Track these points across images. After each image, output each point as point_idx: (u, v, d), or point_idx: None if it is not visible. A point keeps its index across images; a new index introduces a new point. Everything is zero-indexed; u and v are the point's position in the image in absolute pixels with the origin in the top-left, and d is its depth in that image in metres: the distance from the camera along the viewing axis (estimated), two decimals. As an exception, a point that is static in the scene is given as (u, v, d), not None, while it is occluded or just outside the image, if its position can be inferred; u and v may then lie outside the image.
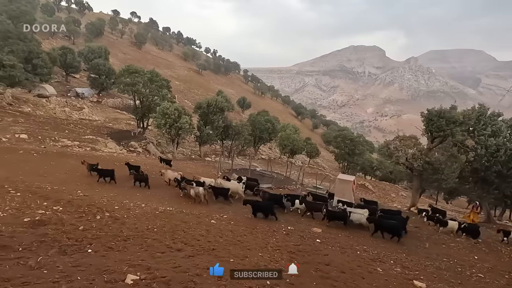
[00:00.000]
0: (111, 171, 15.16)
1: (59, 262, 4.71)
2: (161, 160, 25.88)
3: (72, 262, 4.83)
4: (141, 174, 16.15)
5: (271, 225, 10.45)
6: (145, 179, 15.28)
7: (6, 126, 29.39)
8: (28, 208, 8.89)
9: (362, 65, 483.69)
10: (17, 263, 4.37)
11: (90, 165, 15.75)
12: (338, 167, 65.66)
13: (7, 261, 4.48)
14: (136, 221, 8.76)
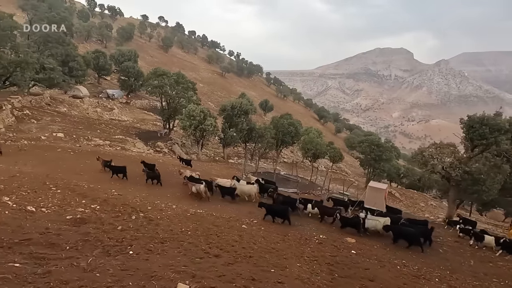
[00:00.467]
0: (123, 168, 15.60)
1: (107, 264, 4.75)
2: (181, 160, 26.40)
3: (120, 265, 4.86)
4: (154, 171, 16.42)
5: (302, 233, 10.15)
6: (157, 176, 15.66)
7: (45, 125, 31.21)
8: (69, 206, 9.23)
9: (388, 68, 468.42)
10: (70, 264, 4.45)
11: (105, 161, 16.41)
12: (363, 173, 63.63)
13: (60, 261, 4.58)
14: (170, 222, 8.82)
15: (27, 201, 8.76)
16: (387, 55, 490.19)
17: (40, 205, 8.54)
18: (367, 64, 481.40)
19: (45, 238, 5.51)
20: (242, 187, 15.60)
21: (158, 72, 38.03)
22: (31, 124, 30.50)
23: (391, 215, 13.88)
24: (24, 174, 12.93)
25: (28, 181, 11.72)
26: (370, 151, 43.34)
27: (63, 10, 67.56)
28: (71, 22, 43.99)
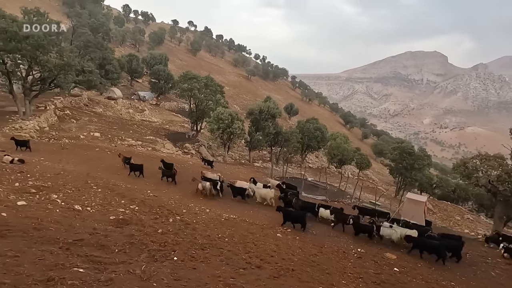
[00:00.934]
0: (140, 166, 16.25)
1: (160, 273, 4.75)
2: (203, 160, 26.69)
3: (171, 273, 4.85)
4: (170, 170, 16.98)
5: (339, 245, 9.73)
6: (172, 175, 16.32)
7: (83, 125, 33.03)
8: (110, 205, 9.54)
9: (419, 72, 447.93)
10: (127, 271, 4.50)
11: (125, 158, 17.14)
12: (393, 182, 61.05)
13: (115, 266, 4.65)
14: (206, 227, 8.81)
15: (73, 200, 9.15)
16: (418, 58, 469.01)
17: (84, 204, 8.89)
18: (396, 68, 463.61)
19: (95, 239, 5.66)
20: (259, 191, 15.54)
21: (189, 76, 39.00)
22: (71, 123, 32.39)
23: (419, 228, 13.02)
24: (67, 172, 13.60)
25: (71, 179, 12.30)
26: (402, 159, 41.41)
27: (101, 16, 71.95)
28: (109, 27, 46.37)
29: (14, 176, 11.14)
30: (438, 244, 10.87)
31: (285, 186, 19.65)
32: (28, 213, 6.36)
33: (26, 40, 22.45)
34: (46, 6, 75.81)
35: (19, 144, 17.04)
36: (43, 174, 12.43)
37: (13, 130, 22.55)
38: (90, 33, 39.43)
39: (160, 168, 17.06)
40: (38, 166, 13.85)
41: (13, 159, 13.65)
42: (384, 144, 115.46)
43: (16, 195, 8.36)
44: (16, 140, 17.03)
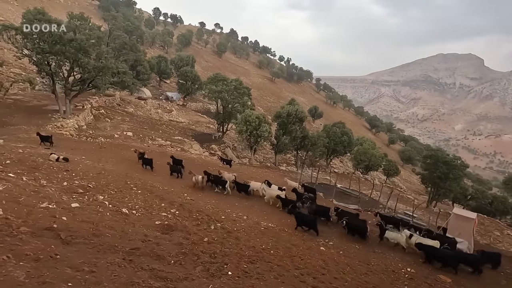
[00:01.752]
0: (150, 160, 17.31)
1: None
2: (222, 160, 26.68)
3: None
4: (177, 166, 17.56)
5: (386, 263, 9.12)
6: (179, 170, 17.02)
7: (117, 124, 34.30)
8: (152, 208, 9.61)
9: (452, 75, 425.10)
10: None
11: (140, 153, 18.01)
12: (425, 191, 58.15)
13: (181, 284, 4.52)
14: (248, 237, 8.59)
15: (118, 202, 9.31)
16: (451, 61, 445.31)
17: (129, 207, 9.00)
18: (427, 70, 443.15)
19: (149, 247, 5.61)
20: (269, 191, 15.48)
21: (219, 78, 39.40)
22: (106, 122, 33.74)
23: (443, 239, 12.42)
24: (107, 171, 13.98)
25: (112, 179, 12.59)
26: (435, 168, 39.21)
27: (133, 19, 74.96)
28: (142, 30, 48.03)
29: (61, 175, 11.54)
30: (449, 253, 10.72)
31: (304, 189, 19.55)
32: (83, 217, 6.46)
33: (70, 43, 23.59)
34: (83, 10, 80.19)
35: (43, 139, 17.80)
36: (86, 173, 12.82)
37: (56, 128, 23.77)
38: (126, 36, 40.99)
39: (168, 163, 17.57)
40: (80, 165, 14.33)
41: (59, 157, 14.24)
42: (413, 151, 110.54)
43: (67, 196, 8.61)
44: (40, 136, 17.85)
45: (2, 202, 5.54)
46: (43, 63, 23.66)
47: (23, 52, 22.68)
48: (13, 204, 5.67)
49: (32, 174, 10.46)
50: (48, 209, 6.15)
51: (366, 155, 53.97)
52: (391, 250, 10.60)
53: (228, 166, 24.99)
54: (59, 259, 3.90)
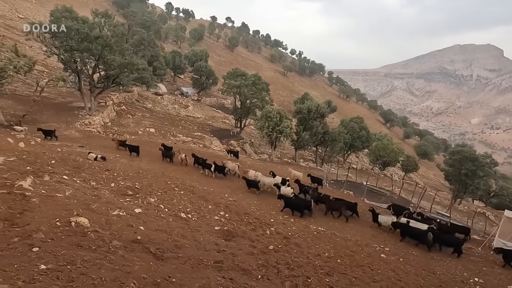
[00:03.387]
0: (137, 147, 18.38)
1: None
2: (229, 152, 26.66)
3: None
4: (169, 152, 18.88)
5: (451, 272, 8.61)
6: (170, 155, 18.49)
7: (139, 120, 34.49)
8: (201, 211, 9.46)
9: (469, 67, 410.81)
10: None
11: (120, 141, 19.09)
12: (448, 188, 56.82)
13: None
14: (306, 243, 8.32)
15: (169, 204, 9.19)
16: (468, 52, 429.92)
17: (182, 210, 8.86)
18: (442, 62, 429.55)
19: (229, 259, 5.38)
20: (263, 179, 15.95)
21: (238, 73, 39.00)
22: (128, 119, 33.96)
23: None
24: (144, 170, 13.93)
25: (152, 179, 12.52)
26: (461, 164, 37.98)
27: (146, 14, 74.94)
28: (160, 25, 47.91)
29: (105, 175, 11.52)
30: (421, 231, 11.66)
31: (311, 179, 20.64)
32: (153, 224, 6.31)
33: (96, 40, 23.60)
34: (98, 6, 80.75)
35: (46, 133, 17.89)
36: (126, 172, 12.78)
37: (84, 125, 23.99)
38: (144, 31, 40.94)
39: (160, 149, 19.03)
40: (118, 164, 14.33)
41: (97, 156, 14.29)
42: (429, 146, 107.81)
43: (121, 198, 8.51)
44: (43, 130, 17.98)
45: (79, 210, 5.41)
46: (70, 61, 23.78)
47: (52, 50, 22.81)
48: (90, 212, 5.54)
49: (79, 175, 10.45)
50: (121, 217, 6.02)
51: (385, 151, 52.86)
52: (448, 256, 10.14)
53: (235, 158, 25.77)
54: (175, 283, 3.70)
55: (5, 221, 3.96)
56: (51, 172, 9.34)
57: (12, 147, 12.69)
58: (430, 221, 14.26)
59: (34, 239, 3.56)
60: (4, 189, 5.32)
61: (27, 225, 3.95)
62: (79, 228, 4.43)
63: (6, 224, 3.87)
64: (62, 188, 7.04)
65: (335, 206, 13.78)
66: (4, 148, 11.98)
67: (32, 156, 11.67)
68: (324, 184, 23.41)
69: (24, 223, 4.01)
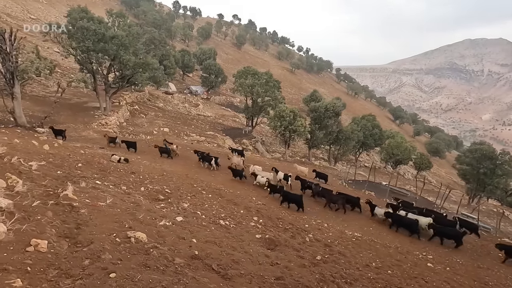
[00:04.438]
0: (134, 143, 18.52)
1: None
2: (232, 150, 26.34)
3: None
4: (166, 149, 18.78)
5: (502, 282, 8.22)
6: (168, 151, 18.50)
7: (152, 120, 34.42)
8: (235, 216, 9.17)
9: (480, 62, 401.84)
10: None
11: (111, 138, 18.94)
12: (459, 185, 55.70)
13: None
14: (350, 252, 7.96)
15: (203, 209, 8.93)
16: (479, 47, 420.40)
17: (215, 215, 8.59)
18: (452, 57, 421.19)
19: (287, 275, 5.02)
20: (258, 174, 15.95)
21: (250, 71, 38.60)
22: (142, 118, 33.92)
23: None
24: (168, 172, 13.72)
25: (179, 182, 12.29)
26: (479, 163, 36.94)
27: (154, 13, 74.91)
28: (171, 24, 47.72)
29: (132, 178, 11.34)
30: (412, 221, 12.24)
31: (316, 174, 21.45)
32: (201, 235, 6.02)
33: (112, 40, 23.47)
34: (106, 5, 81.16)
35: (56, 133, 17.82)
36: (151, 175, 12.59)
37: (100, 125, 23.97)
38: (155, 30, 40.82)
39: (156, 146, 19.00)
40: (141, 166, 14.16)
41: (120, 158, 14.13)
42: (441, 143, 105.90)
43: (155, 204, 8.27)
44: (53, 130, 17.94)
45: (128, 221, 5.15)
46: (87, 61, 23.72)
47: (69, 50, 22.78)
48: (139, 224, 5.28)
49: (108, 179, 10.26)
50: (168, 227, 5.76)
51: (399, 149, 51.98)
52: (496, 264, 9.65)
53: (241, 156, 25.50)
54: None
55: (66, 238, 3.71)
56: (82, 176, 9.15)
57: (37, 149, 12.58)
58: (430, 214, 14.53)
59: (105, 261, 3.30)
60: (51, 199, 5.08)
61: (91, 243, 3.70)
62: (139, 245, 4.17)
63: (70, 243, 3.61)
64: (100, 195, 6.82)
65: (334, 199, 14.25)
66: (31, 151, 11.86)
67: (59, 159, 11.54)
68: (343, 185, 22.97)
69: (86, 240, 3.76)
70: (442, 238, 11.32)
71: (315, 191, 15.21)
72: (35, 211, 4.18)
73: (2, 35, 13.73)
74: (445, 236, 11.37)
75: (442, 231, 11.53)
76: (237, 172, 15.84)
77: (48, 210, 4.48)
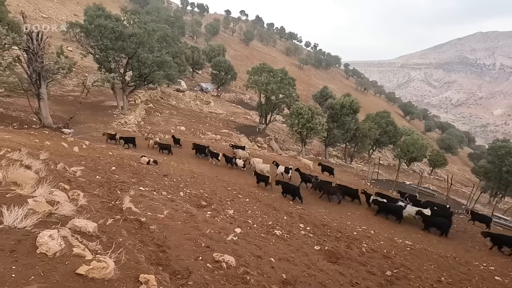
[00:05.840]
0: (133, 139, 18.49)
1: None
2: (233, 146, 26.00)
3: None
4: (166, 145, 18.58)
5: None
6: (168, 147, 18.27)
7: (167, 118, 34.16)
8: (280, 223, 8.76)
9: (491, 56, 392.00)
10: None
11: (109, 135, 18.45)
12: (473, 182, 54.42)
13: None
14: (411, 264, 7.47)
15: (247, 216, 8.53)
16: (491, 40, 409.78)
17: (263, 223, 8.18)
18: (463, 51, 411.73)
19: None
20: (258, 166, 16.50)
21: (265, 69, 37.97)
22: (157, 117, 33.68)
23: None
24: (198, 174, 13.37)
25: (212, 185, 11.92)
26: (502, 161, 35.77)
27: (163, 10, 74.43)
28: (184, 22, 47.26)
29: (167, 182, 11.01)
30: (396, 207, 13.40)
31: (322, 167, 22.19)
32: (270, 251, 5.62)
33: (130, 38, 23.13)
34: (116, 4, 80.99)
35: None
36: (183, 177, 12.26)
37: (120, 125, 23.76)
38: (168, 28, 40.41)
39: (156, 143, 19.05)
40: (170, 168, 13.84)
41: (149, 160, 13.82)
42: (453, 139, 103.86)
43: (201, 211, 7.89)
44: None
45: (200, 238, 4.74)
46: (105, 60, 23.45)
47: (87, 49, 22.52)
48: (210, 240, 4.89)
49: (145, 183, 9.93)
50: (238, 243, 5.36)
51: (414, 146, 50.96)
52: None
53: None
54: None
55: (159, 266, 3.32)
56: (121, 182, 8.83)
57: (68, 152, 12.32)
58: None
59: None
60: (115, 213, 4.70)
61: (190, 273, 3.31)
62: (231, 270, 3.79)
63: (170, 275, 3.20)
64: (153, 205, 6.45)
65: (331, 190, 14.74)
66: (63, 154, 11.59)
67: (91, 162, 11.25)
68: (368, 185, 22.38)
69: (183, 269, 3.37)
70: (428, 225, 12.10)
71: (314, 184, 15.68)
72: (113, 231, 3.79)
73: (30, 35, 13.48)
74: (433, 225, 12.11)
75: (430, 219, 12.25)
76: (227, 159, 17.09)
77: (120, 228, 4.10)
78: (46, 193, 4.20)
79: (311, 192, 15.29)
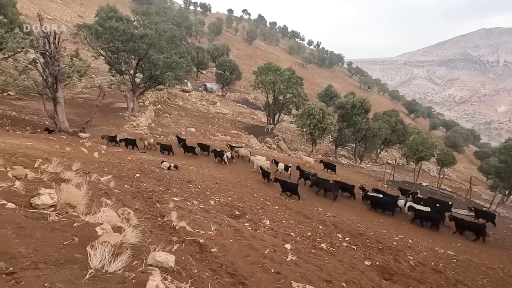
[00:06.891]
0: (134, 140, 18.43)
1: None
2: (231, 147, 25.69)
3: None
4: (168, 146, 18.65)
5: None
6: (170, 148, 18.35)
7: (177, 119, 33.83)
8: (317, 234, 8.37)
9: (495, 52, 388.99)
10: None
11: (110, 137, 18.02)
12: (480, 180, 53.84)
13: None
14: (463, 278, 7.09)
15: (284, 227, 8.14)
16: (495, 36, 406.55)
17: (301, 234, 7.80)
18: (466, 48, 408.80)
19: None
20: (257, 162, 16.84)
21: (272, 68, 37.53)
22: (167, 118, 33.34)
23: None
24: (220, 180, 13.03)
25: (238, 191, 11.59)
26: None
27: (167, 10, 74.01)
28: (190, 22, 46.83)
29: (193, 189, 10.66)
30: (388, 200, 13.85)
31: (324, 165, 22.76)
32: (330, 270, 5.24)
33: (141, 40, 22.76)
34: (119, 4, 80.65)
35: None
36: (207, 183, 11.93)
37: (132, 127, 23.43)
38: (176, 28, 40.02)
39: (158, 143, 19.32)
40: (192, 173, 13.51)
41: (170, 165, 13.50)
42: (459, 137, 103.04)
43: (237, 222, 7.51)
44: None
45: (264, 261, 4.36)
46: (116, 62, 23.10)
47: (99, 52, 22.18)
48: (273, 263, 4.51)
49: (172, 191, 9.57)
50: (299, 265, 4.99)
51: (424, 145, 50.41)
52: None
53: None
54: None
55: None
56: (150, 191, 8.47)
57: (89, 158, 11.99)
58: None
59: None
60: (168, 233, 4.34)
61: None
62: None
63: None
64: (198, 220, 6.08)
65: (327, 186, 15.07)
66: (86, 161, 11.25)
67: (113, 169, 10.90)
68: (384, 186, 21.92)
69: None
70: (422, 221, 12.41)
71: (312, 180, 15.89)
72: (182, 259, 3.42)
73: (47, 38, 13.13)
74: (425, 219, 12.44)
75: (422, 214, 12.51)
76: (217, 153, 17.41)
77: (186, 254, 3.73)
78: (104, 216, 3.83)
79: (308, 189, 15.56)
